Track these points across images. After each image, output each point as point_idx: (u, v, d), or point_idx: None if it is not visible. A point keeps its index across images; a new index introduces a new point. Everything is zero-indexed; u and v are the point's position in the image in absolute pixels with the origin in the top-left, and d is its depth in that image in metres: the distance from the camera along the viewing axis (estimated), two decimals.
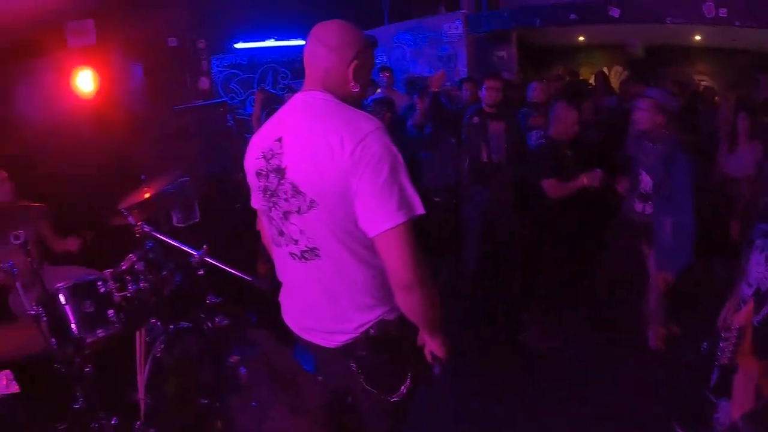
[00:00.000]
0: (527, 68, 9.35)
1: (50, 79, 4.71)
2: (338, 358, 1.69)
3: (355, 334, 1.64)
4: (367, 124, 1.52)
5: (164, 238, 2.74)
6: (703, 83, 9.21)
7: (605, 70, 10.27)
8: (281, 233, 1.67)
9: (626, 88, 6.04)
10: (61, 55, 4.78)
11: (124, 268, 2.92)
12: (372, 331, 1.63)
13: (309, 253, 1.61)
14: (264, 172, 1.66)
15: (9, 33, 4.16)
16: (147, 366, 2.67)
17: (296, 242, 1.63)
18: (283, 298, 1.84)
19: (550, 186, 3.66)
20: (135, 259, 2.93)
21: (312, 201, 1.54)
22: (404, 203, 1.48)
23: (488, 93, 4.21)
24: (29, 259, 3.05)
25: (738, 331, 1.79)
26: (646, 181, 3.38)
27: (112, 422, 2.62)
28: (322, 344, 1.70)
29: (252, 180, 1.73)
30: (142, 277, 2.79)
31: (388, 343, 1.65)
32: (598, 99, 5.75)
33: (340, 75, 1.64)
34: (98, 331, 2.74)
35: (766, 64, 9.10)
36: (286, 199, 1.60)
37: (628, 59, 10.54)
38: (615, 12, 5.55)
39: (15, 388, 2.27)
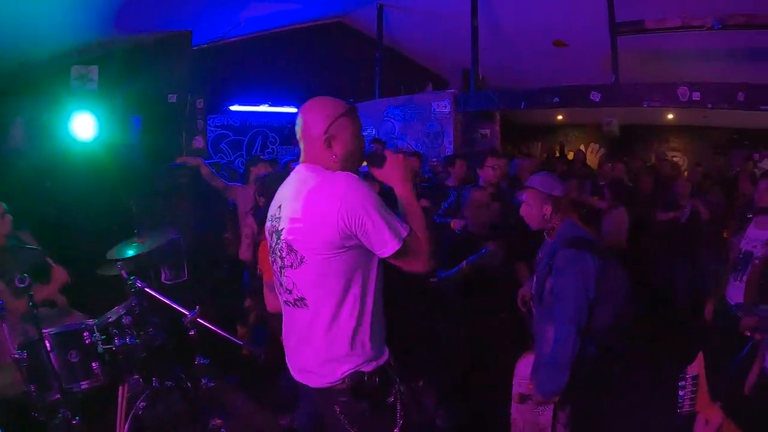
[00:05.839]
0: (508, 145, 9.78)
1: (50, 120, 4.76)
2: (323, 398, 1.86)
3: (334, 380, 1.80)
4: (338, 185, 1.74)
5: (158, 296, 2.82)
6: (675, 158, 9.73)
7: (582, 147, 10.80)
8: (280, 284, 1.90)
9: (603, 165, 6.46)
10: (63, 97, 4.88)
11: (110, 320, 2.98)
12: (347, 380, 1.79)
13: (299, 302, 1.83)
14: (270, 232, 1.92)
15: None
16: (127, 423, 2.69)
17: (290, 292, 1.86)
18: (284, 340, 2.01)
19: None
20: (122, 312, 2.99)
21: (302, 258, 1.78)
22: (395, 228, 1.75)
23: (489, 171, 4.15)
24: (22, 301, 3.06)
25: (693, 379, 1.83)
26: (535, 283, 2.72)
27: None
28: (309, 384, 1.87)
29: (267, 237, 1.99)
30: (128, 331, 2.85)
31: (366, 392, 1.80)
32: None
33: (318, 147, 1.85)
34: (81, 383, 2.78)
35: (737, 140, 9.67)
36: (281, 257, 1.85)
37: (605, 137, 11.07)
38: (596, 96, 5.85)
39: None
